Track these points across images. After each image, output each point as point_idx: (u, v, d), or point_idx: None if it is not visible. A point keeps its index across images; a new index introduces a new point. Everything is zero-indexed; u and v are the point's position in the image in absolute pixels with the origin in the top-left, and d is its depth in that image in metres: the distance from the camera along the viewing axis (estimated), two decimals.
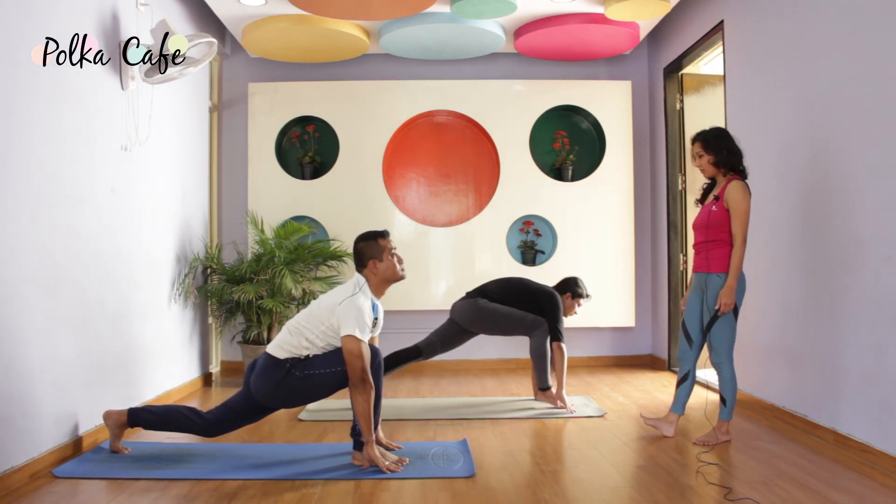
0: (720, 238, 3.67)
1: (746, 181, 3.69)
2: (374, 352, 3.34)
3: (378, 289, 3.41)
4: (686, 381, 3.79)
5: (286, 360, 3.31)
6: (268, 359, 3.35)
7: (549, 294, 4.64)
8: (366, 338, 3.22)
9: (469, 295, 4.78)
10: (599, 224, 6.16)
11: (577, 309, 4.79)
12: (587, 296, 4.80)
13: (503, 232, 6.17)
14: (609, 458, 3.46)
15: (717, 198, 3.69)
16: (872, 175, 3.35)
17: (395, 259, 3.41)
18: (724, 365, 3.69)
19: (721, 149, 3.69)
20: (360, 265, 3.39)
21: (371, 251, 3.37)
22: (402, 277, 3.44)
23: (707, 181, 3.87)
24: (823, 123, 3.75)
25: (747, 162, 3.82)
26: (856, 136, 3.48)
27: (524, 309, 4.64)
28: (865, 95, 3.41)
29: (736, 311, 3.67)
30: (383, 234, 3.42)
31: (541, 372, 4.61)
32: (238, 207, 6.21)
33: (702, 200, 3.87)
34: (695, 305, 3.79)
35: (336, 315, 3.24)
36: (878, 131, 3.31)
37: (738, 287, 3.64)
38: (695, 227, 3.82)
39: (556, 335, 4.53)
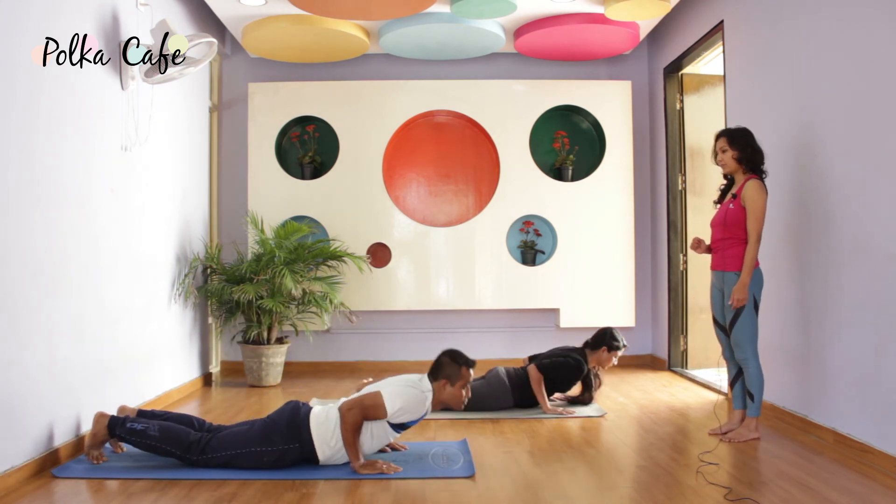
0: (736, 236, 3.73)
1: (764, 181, 3.75)
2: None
3: (434, 405, 3.37)
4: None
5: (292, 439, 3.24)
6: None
7: (569, 364, 4.52)
8: (387, 417, 3.21)
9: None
10: (599, 224, 6.16)
11: (613, 360, 4.64)
12: (624, 346, 4.65)
13: (503, 232, 6.17)
14: (609, 458, 3.46)
15: (734, 196, 3.76)
16: (872, 175, 3.35)
17: (465, 392, 3.37)
18: (749, 360, 3.71)
19: (746, 146, 3.76)
20: (433, 377, 3.36)
21: (451, 372, 3.34)
22: (459, 408, 3.41)
23: (724, 182, 3.93)
24: (824, 123, 3.75)
25: None
26: (856, 136, 3.48)
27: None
28: (865, 95, 3.40)
29: (756, 306, 3.71)
30: (469, 364, 3.37)
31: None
32: (238, 207, 6.21)
33: (719, 200, 3.93)
34: (720, 302, 3.84)
35: (388, 388, 3.24)
36: (878, 131, 3.31)
37: (754, 282, 3.69)
38: (712, 224, 3.90)
39: (538, 364, 4.49)
